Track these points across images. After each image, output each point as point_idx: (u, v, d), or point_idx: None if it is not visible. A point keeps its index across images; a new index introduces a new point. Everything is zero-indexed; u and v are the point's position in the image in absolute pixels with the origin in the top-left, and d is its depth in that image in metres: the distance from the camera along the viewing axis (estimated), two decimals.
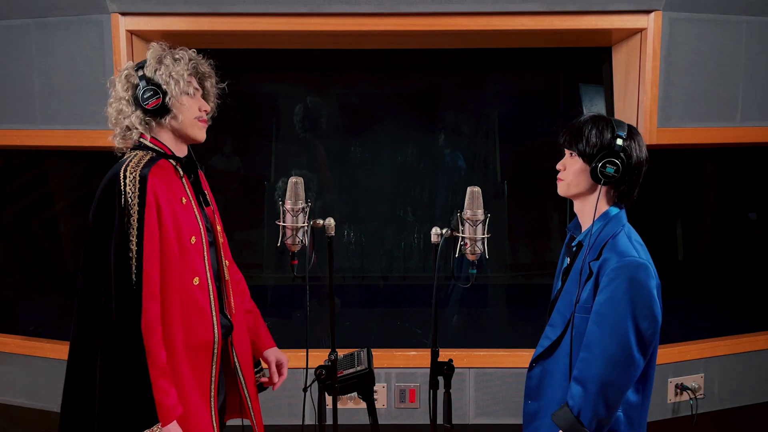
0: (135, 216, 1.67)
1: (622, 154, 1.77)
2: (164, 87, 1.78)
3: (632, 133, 1.82)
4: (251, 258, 3.53)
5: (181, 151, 1.87)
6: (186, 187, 1.85)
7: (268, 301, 3.57)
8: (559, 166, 1.88)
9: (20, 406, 3.05)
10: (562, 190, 1.87)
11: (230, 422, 2.14)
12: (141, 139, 1.82)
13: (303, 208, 1.98)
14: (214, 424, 1.85)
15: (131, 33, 2.62)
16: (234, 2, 2.56)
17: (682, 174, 3.28)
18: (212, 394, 1.84)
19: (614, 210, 1.84)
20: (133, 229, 1.67)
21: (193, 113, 1.84)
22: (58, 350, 2.93)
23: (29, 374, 3.03)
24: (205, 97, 1.91)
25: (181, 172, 1.85)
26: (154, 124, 1.80)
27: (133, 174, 1.70)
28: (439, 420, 2.10)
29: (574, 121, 1.87)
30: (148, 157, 1.77)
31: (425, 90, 3.56)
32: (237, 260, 2.12)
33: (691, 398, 2.96)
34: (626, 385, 1.71)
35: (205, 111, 1.88)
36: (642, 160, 1.82)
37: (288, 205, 1.98)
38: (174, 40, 2.73)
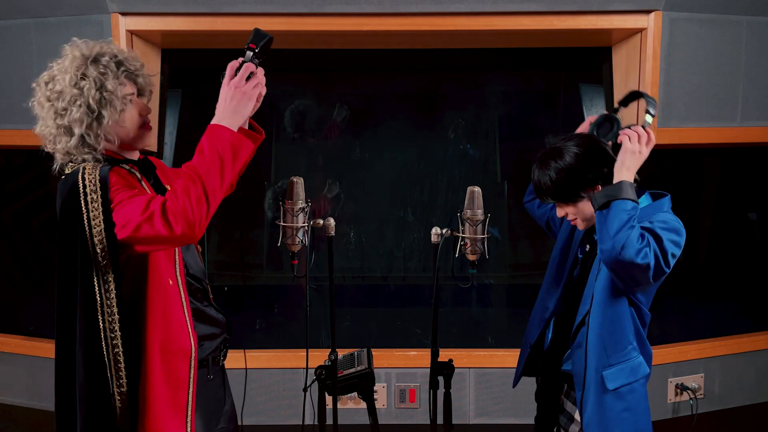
0: (101, 218, 1.58)
1: (583, 169, 1.80)
2: (98, 108, 1.61)
3: (574, 141, 1.83)
4: (251, 258, 3.53)
5: (133, 155, 1.75)
6: (147, 188, 1.73)
7: (268, 301, 3.57)
8: (560, 214, 1.91)
9: (20, 406, 3.05)
10: (582, 227, 1.91)
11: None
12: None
13: (303, 208, 1.98)
14: None
15: (131, 33, 2.62)
16: (234, 2, 2.56)
17: (682, 174, 3.28)
18: (188, 412, 1.70)
19: (645, 200, 1.86)
20: (102, 233, 1.58)
21: (135, 123, 1.71)
22: None
23: (29, 374, 3.03)
24: (140, 94, 1.74)
25: (139, 176, 1.73)
26: (94, 143, 1.64)
27: (92, 176, 1.60)
28: (439, 420, 2.11)
29: (537, 180, 1.87)
30: (100, 165, 1.64)
31: (425, 90, 3.56)
32: (237, 260, 2.11)
33: (691, 398, 2.96)
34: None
35: (147, 113, 1.74)
36: (604, 150, 1.84)
37: (288, 205, 1.98)
38: (174, 40, 2.74)
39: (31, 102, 1.69)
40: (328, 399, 2.08)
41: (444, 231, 2.03)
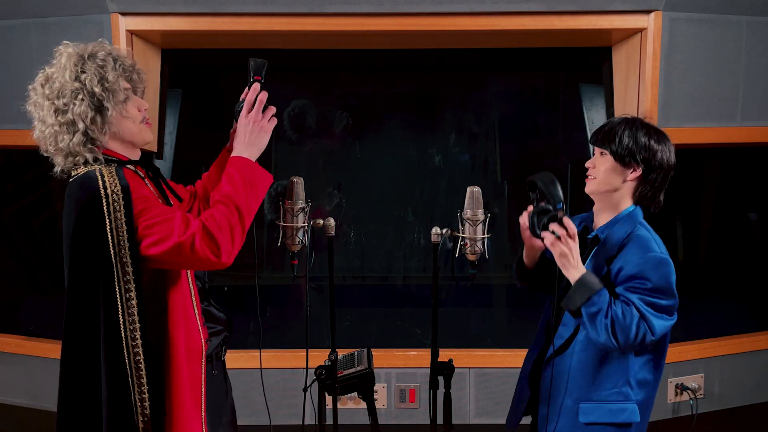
0: (125, 235, 1.56)
1: (651, 154, 1.84)
2: (102, 100, 1.60)
3: (664, 137, 1.89)
4: (251, 258, 3.52)
5: (134, 154, 1.74)
6: (152, 188, 1.74)
7: (268, 301, 3.57)
8: (588, 164, 1.93)
9: (20, 406, 3.05)
10: (591, 187, 1.91)
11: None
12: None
13: (303, 208, 1.98)
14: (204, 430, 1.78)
15: (131, 33, 2.62)
16: (234, 2, 2.56)
17: (682, 174, 3.27)
18: (203, 408, 1.76)
19: (630, 208, 1.88)
20: (125, 243, 1.57)
21: (137, 118, 1.70)
22: (58, 350, 2.91)
23: (29, 374, 3.03)
24: (134, 92, 1.73)
25: (142, 174, 1.73)
26: (98, 140, 1.63)
27: (114, 185, 1.58)
28: (439, 420, 2.10)
29: (607, 122, 1.93)
30: (113, 168, 1.62)
31: (425, 90, 3.56)
32: (237, 260, 2.10)
33: (691, 398, 2.96)
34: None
35: (145, 110, 1.74)
36: (671, 164, 1.89)
37: (288, 205, 1.98)
38: (174, 40, 2.74)
39: (27, 106, 1.68)
40: (328, 399, 2.08)
41: (444, 231, 2.03)
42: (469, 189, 2.01)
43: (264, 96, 1.71)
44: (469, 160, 3.57)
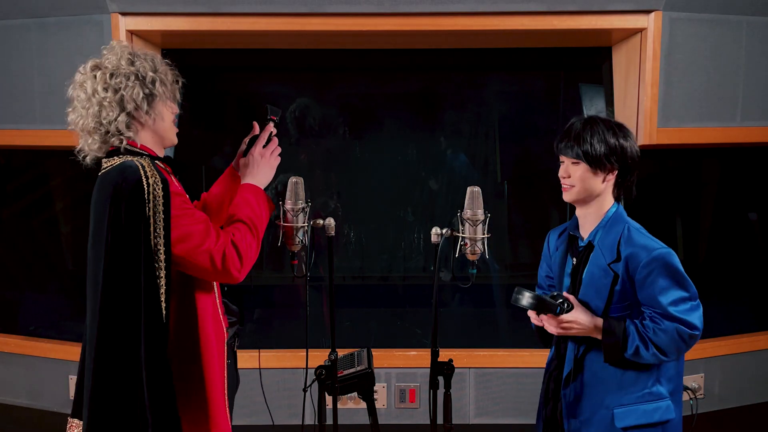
0: (161, 224, 1.61)
1: (623, 153, 1.82)
2: (152, 87, 1.68)
3: (626, 130, 1.87)
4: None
5: (161, 152, 1.78)
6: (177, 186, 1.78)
7: (269, 301, 3.57)
8: (562, 174, 1.88)
9: (20, 406, 3.05)
10: (572, 196, 1.87)
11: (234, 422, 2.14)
12: (127, 145, 1.68)
13: (303, 208, 1.98)
14: (229, 418, 1.86)
15: (131, 33, 2.62)
16: (234, 2, 2.56)
17: (682, 174, 3.28)
18: (225, 386, 1.84)
19: (613, 207, 1.86)
20: (160, 231, 1.62)
21: (172, 116, 1.77)
22: (58, 350, 2.93)
23: (29, 374, 3.03)
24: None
25: (170, 170, 1.77)
26: (137, 127, 1.69)
27: (154, 179, 1.62)
28: (439, 420, 2.10)
29: (569, 128, 1.87)
30: (148, 161, 1.68)
31: (425, 90, 3.56)
32: None
33: (691, 398, 2.96)
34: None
35: (176, 113, 1.80)
36: (639, 155, 1.87)
37: (288, 205, 1.98)
38: (174, 40, 2.75)
39: (69, 89, 1.71)
40: (328, 399, 2.08)
41: (444, 231, 2.03)
42: (469, 189, 2.01)
43: (275, 141, 1.91)
44: (469, 160, 3.57)
